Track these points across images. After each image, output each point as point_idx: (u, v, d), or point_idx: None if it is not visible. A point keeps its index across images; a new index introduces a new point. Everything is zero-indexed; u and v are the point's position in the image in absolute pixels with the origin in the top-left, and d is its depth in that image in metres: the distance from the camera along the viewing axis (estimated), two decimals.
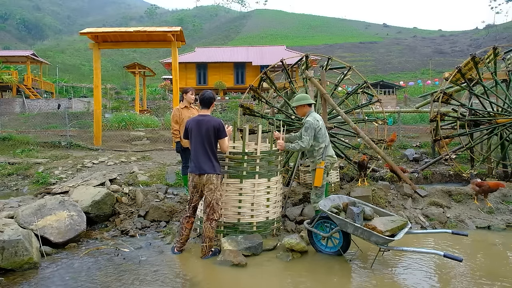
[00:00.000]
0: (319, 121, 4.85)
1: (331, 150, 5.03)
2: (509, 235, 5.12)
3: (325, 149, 4.78)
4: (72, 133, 12.69)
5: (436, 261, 4.24)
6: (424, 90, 31.91)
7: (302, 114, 5.06)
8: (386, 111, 8.75)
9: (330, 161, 4.91)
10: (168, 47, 11.91)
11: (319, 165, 4.73)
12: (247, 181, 4.66)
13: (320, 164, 4.73)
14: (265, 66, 7.14)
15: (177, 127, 6.12)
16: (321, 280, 3.80)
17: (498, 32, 70.93)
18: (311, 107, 5.04)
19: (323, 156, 4.76)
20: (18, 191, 7.34)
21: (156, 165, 8.36)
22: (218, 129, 4.26)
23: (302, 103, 4.96)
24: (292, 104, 5.14)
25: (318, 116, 4.96)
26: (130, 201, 5.94)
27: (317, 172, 4.74)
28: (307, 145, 4.72)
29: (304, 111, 4.99)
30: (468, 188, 6.14)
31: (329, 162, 4.90)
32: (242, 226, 4.68)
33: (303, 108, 4.99)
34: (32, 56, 28.17)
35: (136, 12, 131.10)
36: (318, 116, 4.94)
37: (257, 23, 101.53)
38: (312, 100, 5.05)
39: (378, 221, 4.09)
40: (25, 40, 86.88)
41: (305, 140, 4.71)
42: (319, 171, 4.71)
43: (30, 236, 4.17)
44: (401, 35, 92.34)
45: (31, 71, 29.21)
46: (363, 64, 56.30)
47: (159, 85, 31.24)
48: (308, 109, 4.99)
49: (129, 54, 75.76)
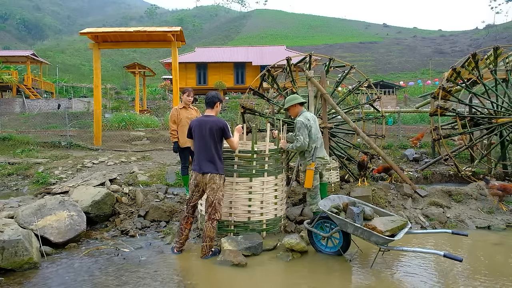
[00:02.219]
0: (310, 120, 4.83)
1: (323, 151, 5.00)
2: (509, 235, 5.12)
3: (315, 150, 4.77)
4: (72, 133, 12.68)
5: (436, 261, 4.23)
6: (424, 90, 31.94)
7: (294, 115, 5.04)
8: (386, 111, 8.75)
9: (321, 162, 4.89)
10: (168, 47, 11.90)
11: (309, 166, 4.73)
12: (257, 179, 4.71)
13: (310, 165, 4.73)
14: (265, 66, 7.20)
15: (175, 127, 6.11)
16: (321, 280, 3.80)
17: (498, 32, 70.90)
18: (302, 107, 5.03)
19: (313, 157, 4.75)
20: (18, 191, 7.34)
21: (156, 165, 8.36)
22: (223, 130, 4.28)
23: (293, 103, 4.95)
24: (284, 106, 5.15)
25: (310, 115, 4.93)
26: (130, 201, 5.94)
27: (307, 173, 4.74)
28: (302, 143, 4.72)
29: (296, 111, 4.98)
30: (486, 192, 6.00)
31: (320, 163, 4.88)
32: (252, 225, 4.72)
33: (294, 108, 4.98)
34: (32, 56, 28.16)
35: (136, 12, 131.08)
36: (309, 115, 4.91)
37: (257, 23, 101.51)
38: (301, 99, 5.02)
39: (378, 221, 4.09)
40: (25, 40, 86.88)
41: (300, 139, 4.71)
42: (309, 173, 4.71)
43: (30, 236, 4.17)
44: (401, 35, 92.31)
45: (31, 71, 29.19)
46: (363, 64, 56.27)
47: (159, 85, 31.24)
48: (299, 108, 4.98)
49: (129, 54, 75.74)
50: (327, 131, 6.20)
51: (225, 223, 4.72)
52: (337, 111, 6.53)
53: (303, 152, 4.86)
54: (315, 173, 4.77)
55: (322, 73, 6.63)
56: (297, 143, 4.74)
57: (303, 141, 4.70)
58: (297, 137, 4.76)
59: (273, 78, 7.25)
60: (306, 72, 6.49)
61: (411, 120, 16.36)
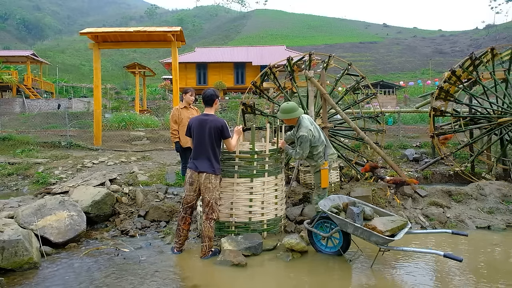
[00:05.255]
0: (312, 129, 4.64)
1: (331, 148, 5.00)
2: (509, 235, 5.12)
3: (325, 149, 4.75)
4: (72, 133, 12.68)
5: (436, 261, 4.23)
6: (424, 90, 31.90)
7: (291, 123, 4.83)
8: (386, 111, 8.75)
9: (332, 158, 4.91)
10: (168, 47, 11.90)
11: (323, 166, 4.69)
12: (257, 180, 4.71)
13: (323, 165, 4.70)
14: (265, 66, 7.21)
15: (176, 127, 6.12)
16: (321, 280, 3.80)
17: (498, 32, 70.93)
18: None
19: (325, 156, 4.73)
20: (18, 191, 7.34)
21: (156, 165, 8.36)
22: (221, 130, 4.25)
23: (292, 117, 4.67)
24: (278, 115, 4.85)
25: (308, 121, 4.71)
26: (130, 201, 5.94)
27: (322, 173, 4.68)
28: (300, 157, 4.70)
29: (292, 121, 4.75)
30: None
31: (332, 160, 4.90)
32: (253, 225, 4.72)
33: (292, 119, 4.73)
34: (32, 56, 28.17)
35: (136, 12, 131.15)
36: (308, 122, 4.70)
37: (257, 23, 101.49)
38: (301, 112, 4.71)
39: (378, 221, 4.09)
40: (25, 40, 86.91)
41: (300, 153, 4.64)
42: (324, 172, 4.66)
43: (30, 236, 4.17)
44: (401, 35, 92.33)
45: (31, 71, 29.20)
46: (363, 64, 56.27)
47: (159, 85, 31.25)
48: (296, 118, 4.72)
49: (129, 54, 75.74)
50: (327, 131, 6.20)
51: (226, 224, 4.71)
52: (337, 111, 6.53)
53: (311, 156, 4.76)
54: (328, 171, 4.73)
55: (322, 73, 6.63)
56: (296, 155, 4.68)
57: (302, 154, 4.64)
58: (297, 149, 4.63)
59: (275, 76, 7.21)
60: (306, 72, 6.49)
61: (411, 120, 16.37)
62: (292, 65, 7.20)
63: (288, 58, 7.14)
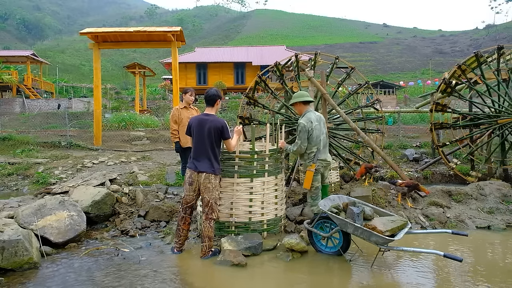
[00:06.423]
0: (313, 122, 4.68)
1: (326, 153, 4.89)
2: (509, 235, 5.12)
3: (317, 153, 4.71)
4: (72, 133, 12.69)
5: (436, 261, 4.23)
6: (424, 90, 31.93)
7: (299, 112, 4.92)
8: (386, 111, 8.75)
9: (322, 164, 4.82)
10: (168, 47, 11.91)
11: (309, 167, 4.67)
12: (257, 180, 4.71)
13: (310, 167, 4.68)
14: (265, 66, 7.17)
15: (176, 127, 6.12)
16: (321, 280, 3.80)
17: (498, 32, 70.95)
18: (308, 106, 4.89)
19: (314, 159, 4.70)
20: (18, 191, 7.34)
21: (156, 165, 8.36)
22: (221, 131, 4.24)
23: (298, 101, 4.81)
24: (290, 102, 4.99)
25: (314, 116, 4.75)
26: (130, 201, 5.93)
27: (306, 174, 4.69)
28: (298, 148, 4.68)
29: (300, 109, 4.86)
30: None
31: (321, 165, 4.82)
32: (253, 225, 4.72)
33: (299, 106, 4.85)
34: (32, 56, 28.17)
35: (136, 12, 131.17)
36: (313, 117, 4.74)
37: (257, 23, 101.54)
38: (308, 97, 4.84)
39: (378, 221, 4.08)
40: (25, 40, 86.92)
41: (297, 143, 4.66)
42: (309, 174, 4.65)
43: (30, 236, 4.17)
44: (401, 35, 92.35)
45: (31, 71, 29.20)
46: (363, 64, 56.30)
47: (159, 85, 31.26)
48: (305, 107, 4.83)
49: (129, 54, 75.76)
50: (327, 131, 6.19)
51: (226, 224, 4.71)
52: (337, 111, 6.52)
53: (303, 154, 4.80)
54: (315, 174, 4.72)
55: (322, 73, 6.63)
56: (294, 147, 4.71)
57: (300, 145, 4.65)
58: (296, 141, 4.70)
59: (281, 74, 7.17)
60: (306, 71, 6.49)
61: (411, 120, 16.37)
62: (281, 69, 7.18)
63: (275, 63, 7.09)
